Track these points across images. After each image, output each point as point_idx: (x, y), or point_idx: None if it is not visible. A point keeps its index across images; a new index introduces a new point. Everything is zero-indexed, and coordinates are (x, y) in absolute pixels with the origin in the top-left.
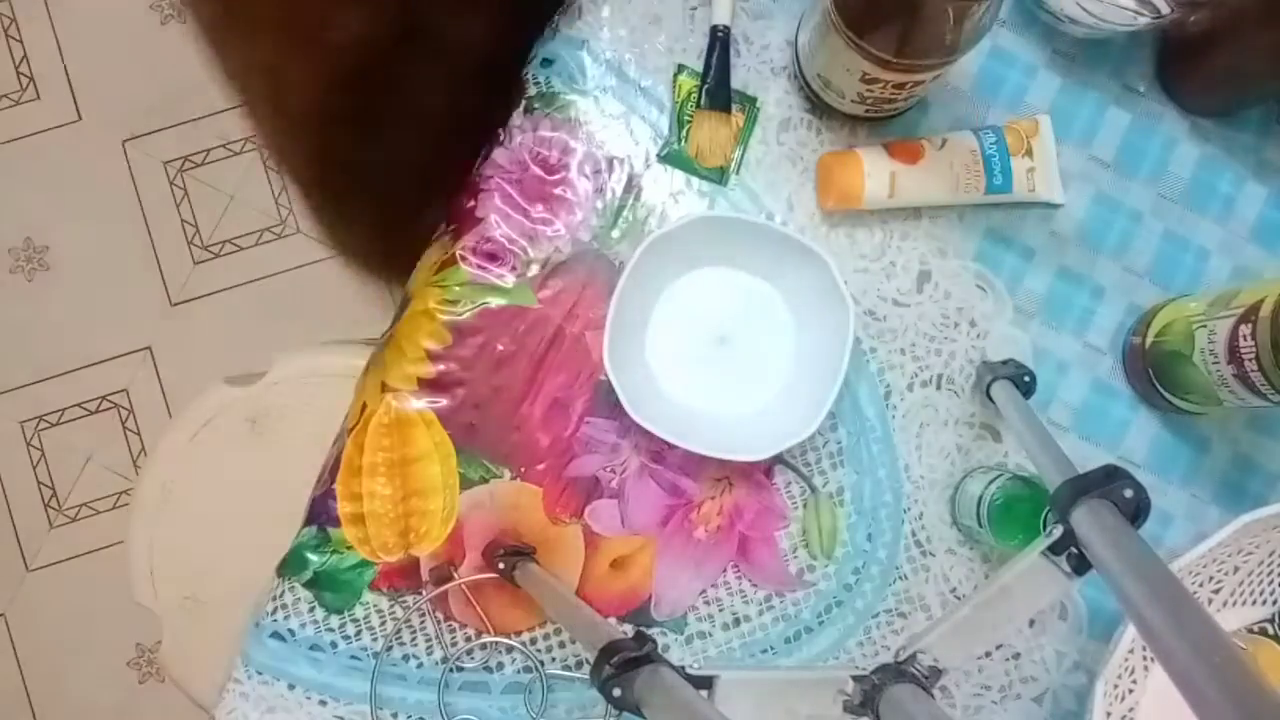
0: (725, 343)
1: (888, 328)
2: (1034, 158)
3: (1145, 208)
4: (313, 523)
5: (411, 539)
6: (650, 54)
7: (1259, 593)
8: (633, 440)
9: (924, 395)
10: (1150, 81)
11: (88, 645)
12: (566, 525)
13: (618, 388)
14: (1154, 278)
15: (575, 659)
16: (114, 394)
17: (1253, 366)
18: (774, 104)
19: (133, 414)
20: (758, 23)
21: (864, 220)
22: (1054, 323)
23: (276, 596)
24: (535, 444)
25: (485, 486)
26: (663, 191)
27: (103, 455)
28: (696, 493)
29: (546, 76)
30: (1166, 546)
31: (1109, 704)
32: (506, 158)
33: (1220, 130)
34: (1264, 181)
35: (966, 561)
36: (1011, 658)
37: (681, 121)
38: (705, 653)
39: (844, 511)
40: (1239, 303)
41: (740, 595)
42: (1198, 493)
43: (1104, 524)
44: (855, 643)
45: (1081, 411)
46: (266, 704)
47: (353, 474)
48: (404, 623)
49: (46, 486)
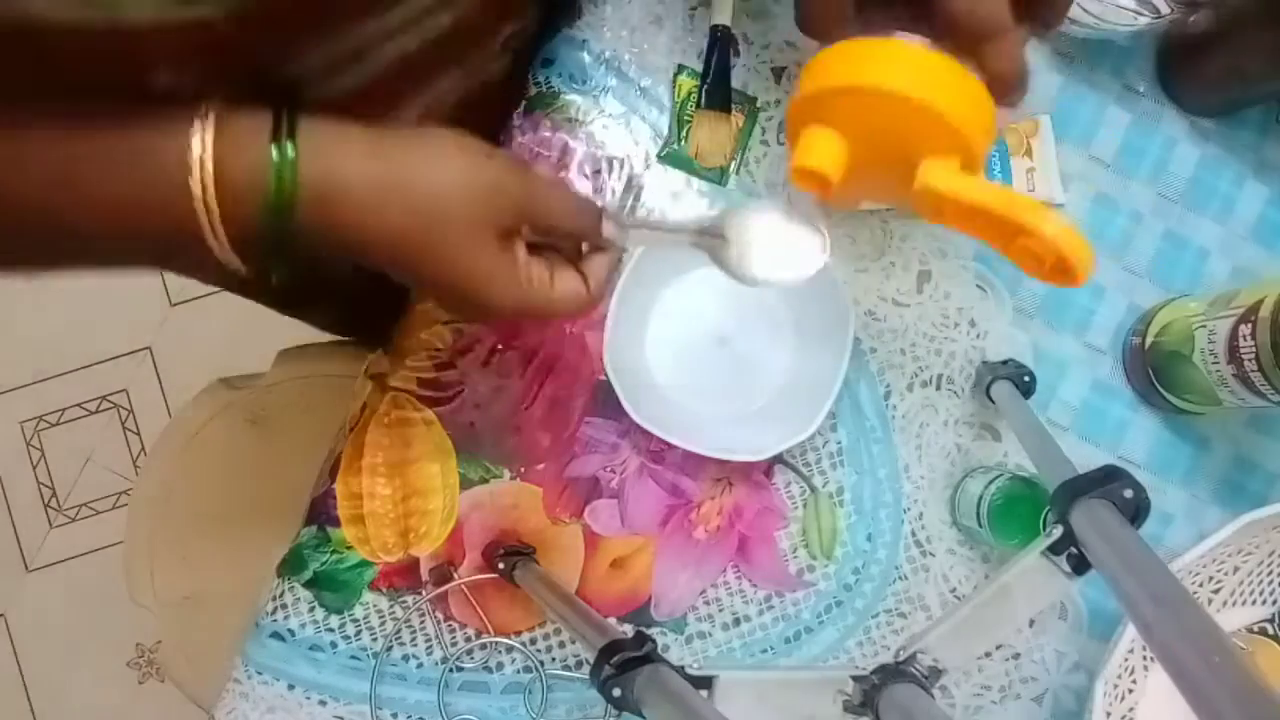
0: (725, 343)
1: (888, 328)
2: (1034, 158)
3: (1145, 207)
4: (313, 523)
5: (411, 539)
6: (650, 54)
7: (1259, 593)
8: (633, 440)
9: (924, 395)
10: (1150, 81)
11: (88, 645)
12: (566, 525)
13: (618, 388)
14: (1154, 278)
15: (575, 659)
16: (114, 394)
17: (1253, 366)
18: (774, 104)
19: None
20: (758, 23)
21: (864, 220)
22: (1054, 323)
23: (276, 596)
24: (535, 444)
25: (485, 486)
26: (663, 191)
27: (103, 455)
28: (696, 493)
29: (546, 76)
30: (1166, 546)
31: (1109, 704)
32: None
33: (1220, 130)
34: (1264, 181)
35: (966, 561)
36: (1011, 658)
37: (681, 121)
38: (705, 653)
39: (844, 512)
40: (1239, 303)
41: (740, 595)
42: (1198, 493)
43: (1104, 524)
44: (855, 643)
45: (1081, 411)
46: (266, 704)
47: (353, 474)
48: (404, 623)
49: (46, 486)
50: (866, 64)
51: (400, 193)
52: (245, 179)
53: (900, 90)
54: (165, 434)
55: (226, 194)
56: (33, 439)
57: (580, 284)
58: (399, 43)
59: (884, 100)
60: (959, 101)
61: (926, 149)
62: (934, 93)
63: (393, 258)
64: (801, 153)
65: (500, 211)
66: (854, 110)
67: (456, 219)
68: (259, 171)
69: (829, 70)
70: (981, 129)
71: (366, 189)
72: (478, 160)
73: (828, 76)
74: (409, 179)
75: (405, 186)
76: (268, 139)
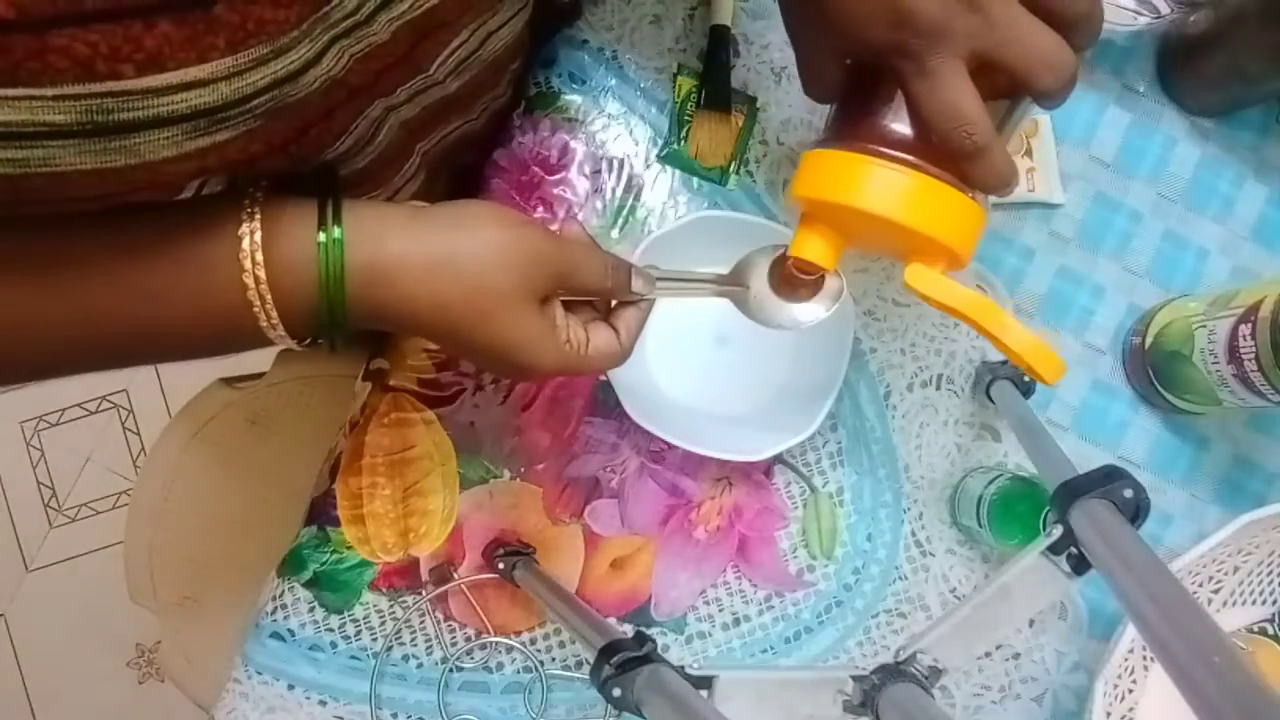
0: (725, 343)
1: (888, 328)
2: (1034, 158)
3: (1145, 207)
4: (313, 523)
5: (411, 539)
6: (650, 54)
7: (1259, 593)
8: (633, 440)
9: (924, 395)
10: (1150, 81)
11: (88, 645)
12: (566, 525)
13: (618, 388)
14: (1154, 278)
15: (575, 659)
16: (114, 394)
17: (1252, 366)
18: (774, 104)
19: (133, 414)
20: (758, 23)
21: None
22: (1054, 323)
23: (276, 596)
24: (535, 444)
25: (485, 486)
26: (663, 191)
27: (103, 455)
28: (696, 493)
29: (546, 76)
30: (1166, 546)
31: (1109, 704)
32: (506, 158)
33: (1220, 130)
34: (1264, 181)
35: (966, 561)
36: (1011, 658)
37: (681, 121)
38: (705, 653)
39: (844, 511)
40: (1239, 303)
41: (740, 595)
42: (1198, 493)
43: (1103, 524)
44: (855, 643)
45: (1081, 411)
46: (266, 704)
47: (353, 474)
48: (404, 623)
49: (46, 486)
50: (854, 183)
51: (446, 271)
52: (295, 271)
53: (884, 213)
54: (165, 434)
55: (279, 287)
56: (33, 439)
57: (613, 339)
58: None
59: (871, 217)
60: (942, 218)
61: (912, 251)
62: (916, 214)
63: (440, 330)
64: (798, 246)
65: (540, 280)
66: (846, 214)
67: (500, 292)
68: (307, 262)
69: (820, 182)
70: (965, 237)
71: (413, 269)
72: (516, 232)
73: (819, 189)
74: (452, 257)
75: (450, 264)
76: (313, 229)
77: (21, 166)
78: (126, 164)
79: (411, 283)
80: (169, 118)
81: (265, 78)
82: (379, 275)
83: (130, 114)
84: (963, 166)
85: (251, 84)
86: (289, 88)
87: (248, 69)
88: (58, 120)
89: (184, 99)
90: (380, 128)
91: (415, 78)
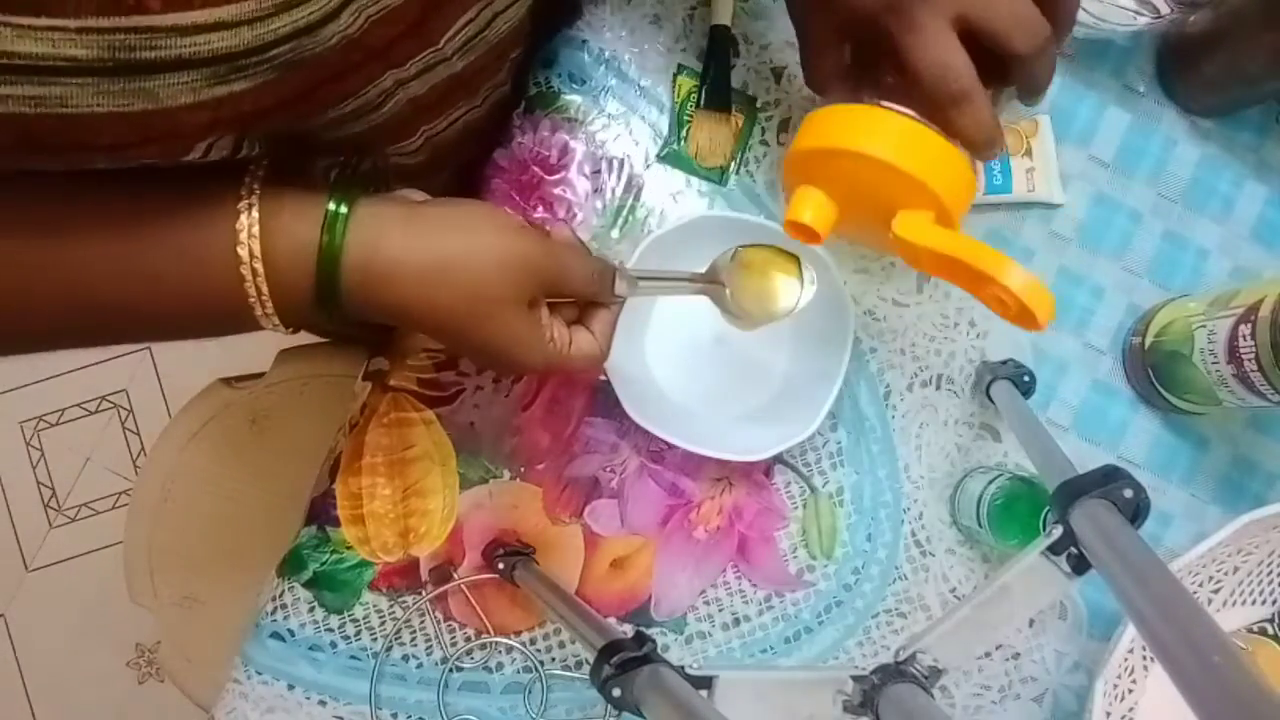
0: (724, 343)
1: (888, 328)
2: (1034, 158)
3: (1145, 207)
4: (313, 523)
5: (411, 539)
6: (650, 54)
7: (1259, 593)
8: (632, 440)
9: (924, 395)
10: (1150, 81)
11: (88, 645)
12: (566, 525)
13: (618, 388)
14: (1154, 278)
15: (575, 659)
16: (114, 394)
17: (1252, 366)
18: (774, 104)
19: (133, 414)
20: (758, 23)
21: None
22: (1054, 323)
23: (276, 596)
24: (535, 444)
25: (485, 486)
26: (663, 191)
27: (103, 455)
28: (696, 493)
29: (546, 76)
30: (1166, 546)
31: (1109, 704)
32: (506, 158)
33: (1220, 130)
34: (1264, 181)
35: (966, 561)
36: (1011, 658)
37: (681, 121)
38: (705, 653)
39: (844, 511)
40: (1239, 303)
41: (740, 595)
42: (1198, 493)
43: (1103, 524)
44: (855, 643)
45: (1081, 411)
46: (266, 704)
47: (353, 474)
48: (404, 623)
49: (46, 486)
50: (850, 130)
51: (440, 276)
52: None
53: (876, 154)
54: (165, 434)
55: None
56: (33, 439)
57: (593, 342)
58: (411, 89)
59: (864, 161)
60: (930, 163)
61: (903, 203)
62: (906, 156)
63: (434, 328)
64: (794, 208)
65: (530, 285)
66: (840, 168)
67: (492, 297)
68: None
69: (818, 132)
70: (953, 187)
71: (409, 273)
72: (510, 236)
73: (817, 138)
74: (447, 262)
75: (444, 270)
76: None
77: (38, 105)
78: (143, 108)
79: (405, 286)
80: (190, 60)
81: (286, 25)
82: (374, 277)
83: (153, 53)
84: (949, 114)
85: (273, 31)
86: (308, 40)
87: (270, 14)
88: (79, 55)
89: (206, 41)
90: (388, 100)
91: (426, 50)
